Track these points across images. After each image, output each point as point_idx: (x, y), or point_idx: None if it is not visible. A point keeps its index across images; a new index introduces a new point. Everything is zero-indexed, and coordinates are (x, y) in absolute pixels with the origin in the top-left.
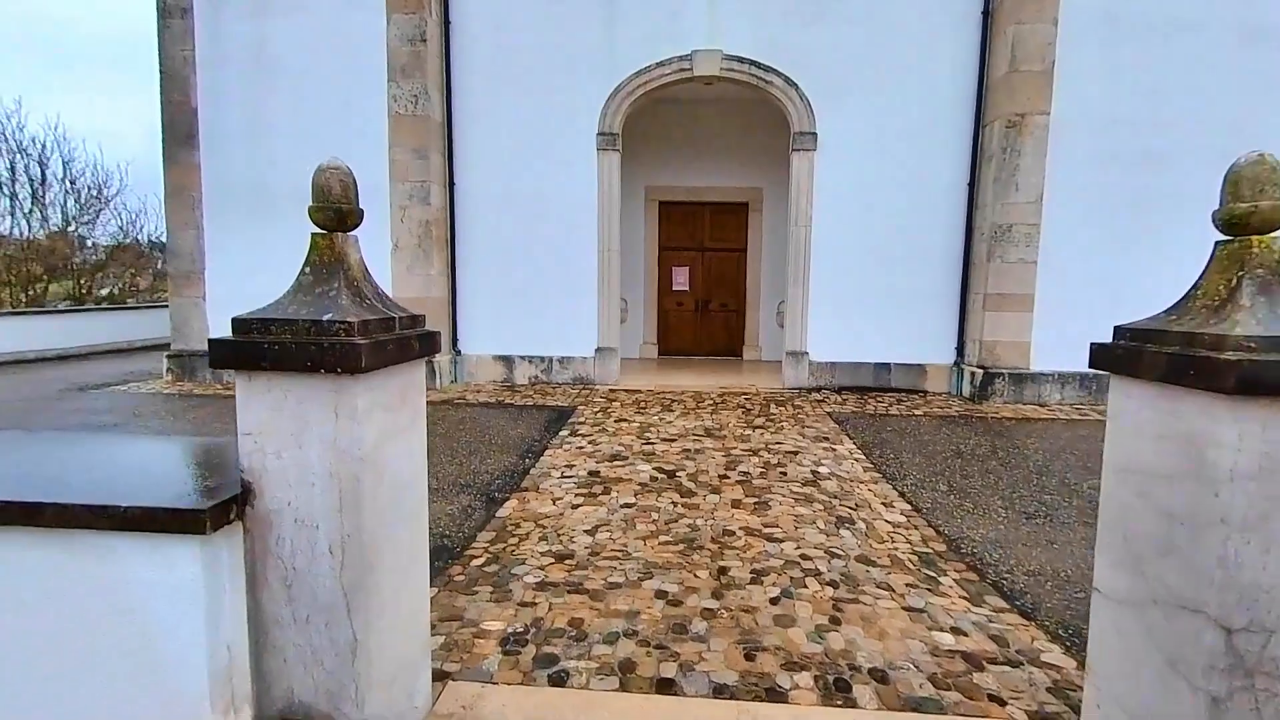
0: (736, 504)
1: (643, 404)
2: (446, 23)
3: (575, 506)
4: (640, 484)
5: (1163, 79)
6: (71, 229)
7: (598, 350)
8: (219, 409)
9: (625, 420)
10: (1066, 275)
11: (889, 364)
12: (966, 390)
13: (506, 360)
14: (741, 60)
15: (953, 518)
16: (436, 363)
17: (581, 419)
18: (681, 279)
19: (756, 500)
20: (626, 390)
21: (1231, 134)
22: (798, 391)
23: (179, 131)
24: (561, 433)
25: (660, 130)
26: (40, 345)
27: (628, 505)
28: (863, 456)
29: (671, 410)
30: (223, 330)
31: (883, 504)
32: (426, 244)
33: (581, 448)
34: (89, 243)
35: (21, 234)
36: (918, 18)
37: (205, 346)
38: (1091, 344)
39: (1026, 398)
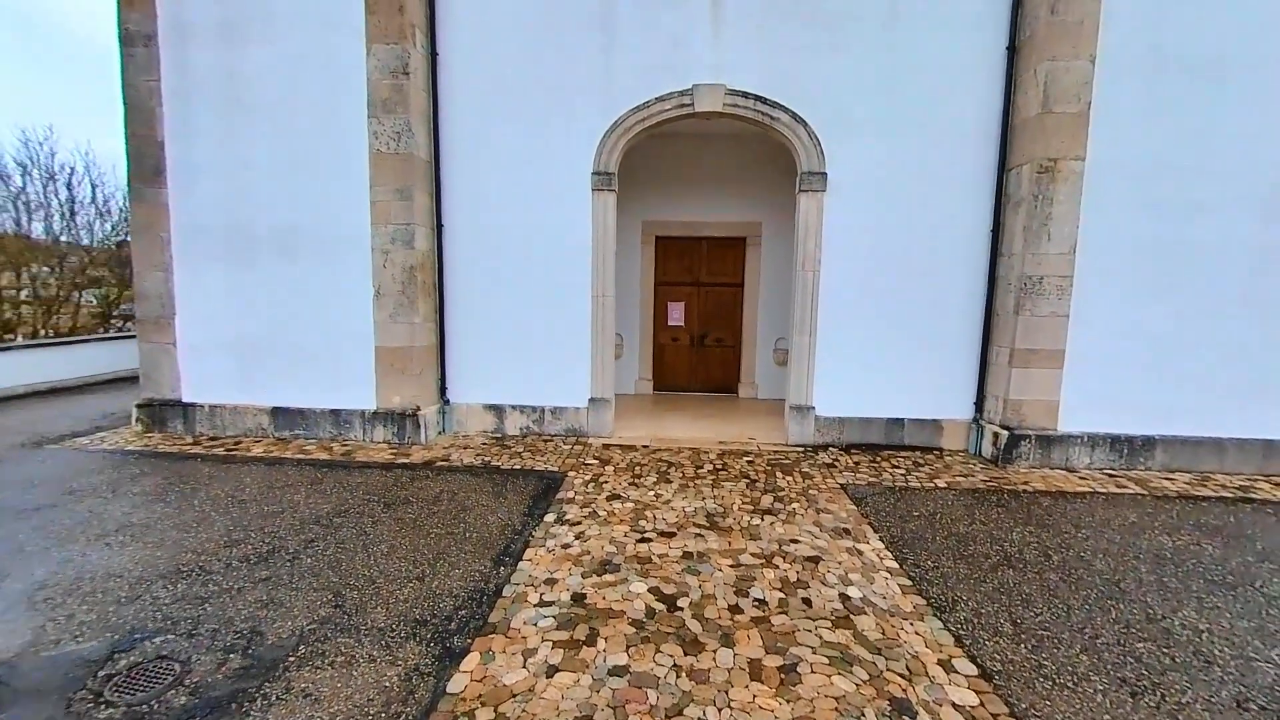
0: (756, 671)
1: (638, 470)
2: (433, 54)
3: (552, 672)
4: (634, 623)
5: (1209, 123)
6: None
7: (591, 401)
8: (170, 477)
9: (618, 497)
10: (1099, 330)
11: (902, 420)
12: (987, 450)
13: (497, 410)
14: (746, 95)
15: (1037, 694)
16: (421, 416)
17: (571, 494)
18: (677, 314)
19: (781, 662)
20: (621, 447)
21: None
22: (803, 451)
23: (145, 167)
24: (547, 517)
25: (658, 164)
26: (40, 378)
27: (618, 670)
28: (896, 565)
29: (669, 480)
30: (197, 379)
31: (941, 664)
32: (411, 290)
33: (568, 546)
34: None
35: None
36: (937, 53)
37: (177, 395)
38: None
39: (1054, 461)
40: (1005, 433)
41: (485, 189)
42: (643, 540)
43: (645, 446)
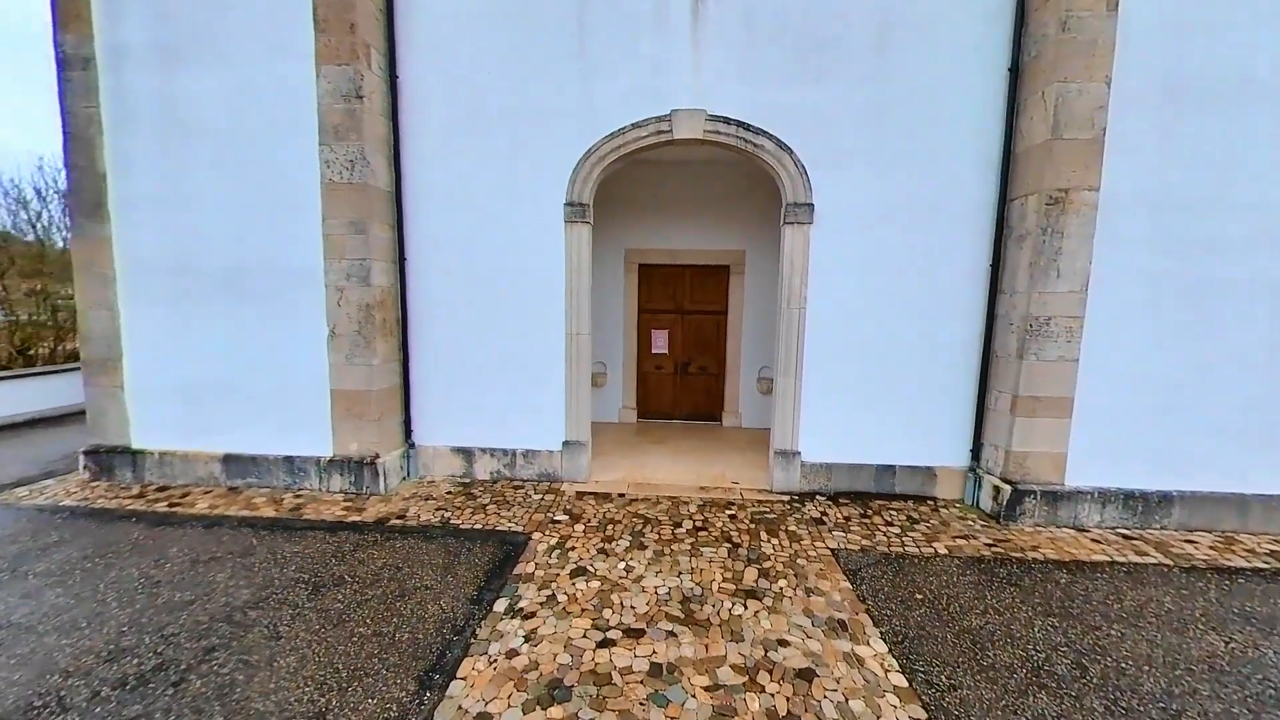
0: None
1: (610, 530)
2: (392, 78)
3: None
4: None
5: (1233, 153)
6: None
7: (565, 444)
8: (89, 547)
9: (584, 572)
10: (1111, 376)
11: (893, 467)
12: (987, 504)
13: (466, 454)
14: (728, 122)
15: None
16: (380, 464)
17: (531, 567)
18: (661, 342)
19: None
20: (596, 496)
21: None
22: (789, 501)
23: (86, 200)
24: (498, 605)
25: (641, 192)
26: (28, 407)
27: None
28: (904, 681)
29: (643, 545)
30: (146, 424)
31: None
32: (368, 329)
33: (514, 653)
34: None
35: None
36: (932, 77)
37: (125, 441)
38: None
39: (1061, 519)
40: (1008, 487)
41: (451, 221)
42: (604, 644)
43: (621, 496)
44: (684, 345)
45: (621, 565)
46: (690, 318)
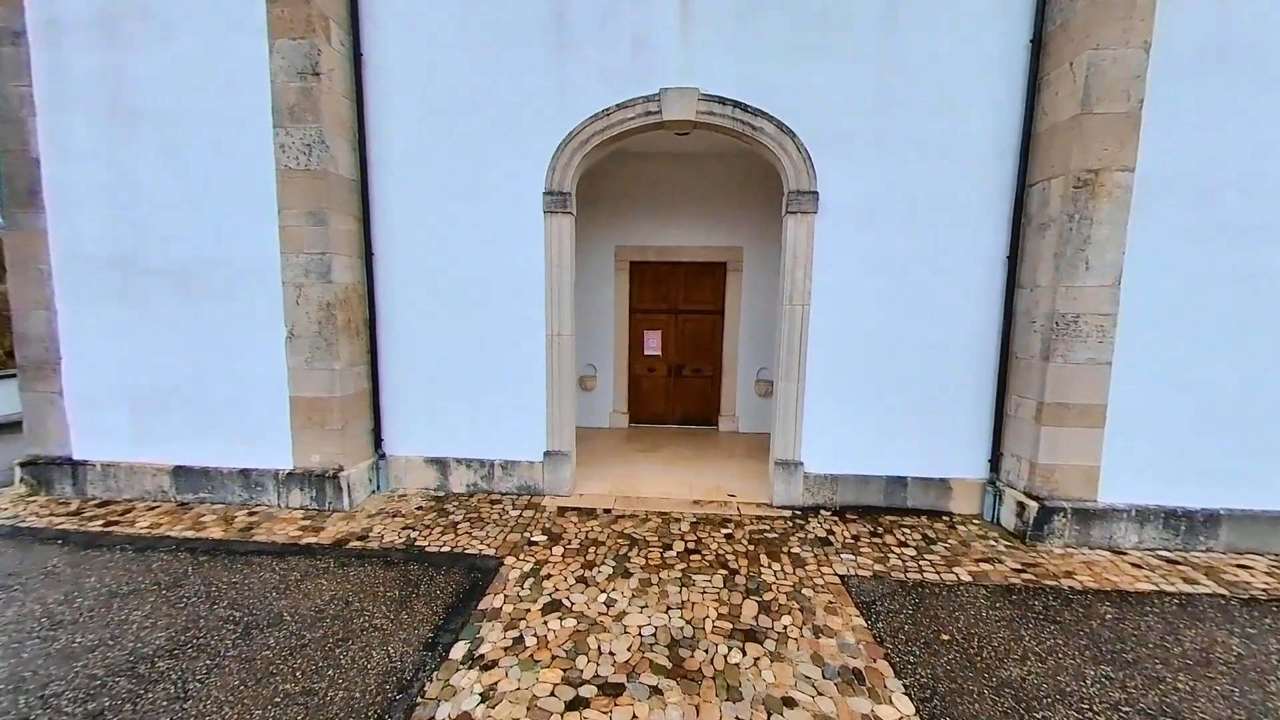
0: None
1: (592, 553)
2: (356, 55)
3: None
4: None
5: None
6: None
7: (547, 455)
8: (9, 570)
9: (558, 607)
10: (1149, 380)
11: (904, 478)
12: (1009, 520)
13: (440, 464)
14: (723, 101)
15: None
16: (344, 478)
17: (499, 601)
18: (654, 343)
19: None
20: (579, 511)
21: None
22: (791, 517)
23: (18, 188)
24: (455, 651)
25: (631, 186)
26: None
27: None
28: None
29: (628, 572)
30: (89, 433)
31: None
32: (329, 330)
33: (466, 717)
34: None
35: None
36: (945, 50)
37: (66, 452)
38: None
39: (1094, 539)
40: (1034, 504)
41: (421, 213)
42: (575, 705)
43: (607, 511)
44: (678, 347)
45: (602, 598)
46: (685, 318)
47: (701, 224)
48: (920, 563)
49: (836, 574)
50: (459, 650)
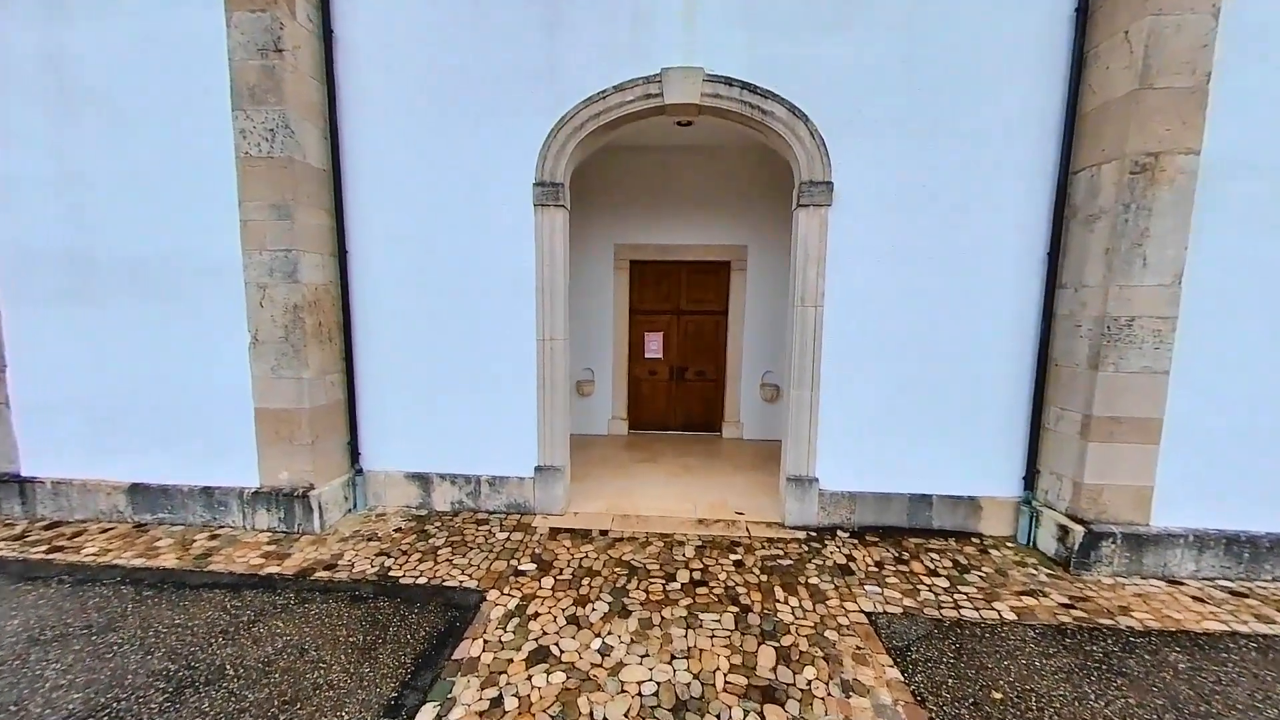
0: None
1: (586, 585)
2: (326, 32)
3: None
4: None
5: None
6: None
7: (538, 470)
8: None
9: (546, 658)
10: (1211, 392)
11: (929, 496)
12: (1048, 544)
13: (423, 480)
14: (730, 83)
15: None
16: (315, 497)
17: (477, 650)
18: (655, 345)
19: None
20: (573, 533)
21: None
22: (806, 540)
23: None
24: (419, 718)
25: (631, 181)
26: None
27: None
28: None
29: (626, 611)
30: (38, 448)
31: None
32: (297, 335)
33: None
34: None
35: None
36: (977, 23)
37: (14, 468)
38: None
39: (1147, 567)
40: (1079, 528)
41: (400, 207)
42: None
43: (604, 533)
44: (680, 349)
45: (596, 644)
46: (687, 319)
47: (704, 221)
48: (955, 596)
49: (862, 611)
50: (426, 716)
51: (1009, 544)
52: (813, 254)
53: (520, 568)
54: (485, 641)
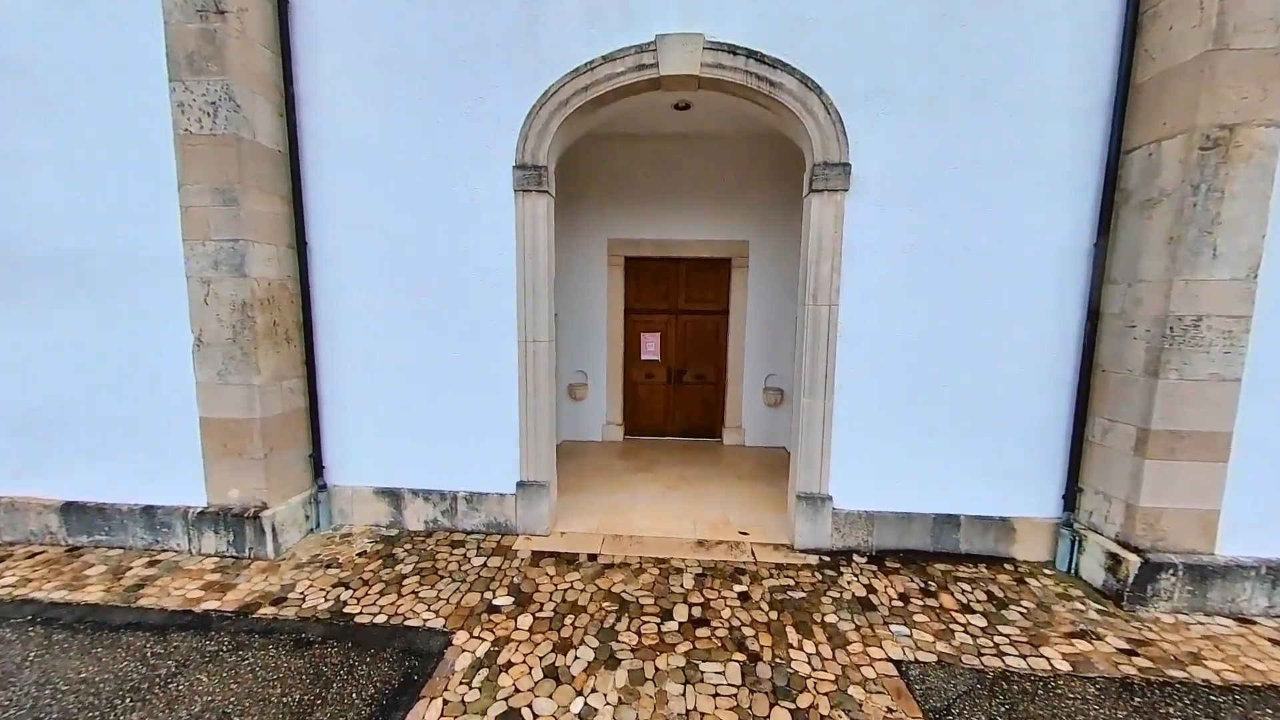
0: None
1: (568, 625)
2: None
3: None
4: None
5: None
6: None
7: (520, 486)
8: None
9: (516, 716)
10: None
11: (956, 516)
12: (1093, 573)
13: (393, 496)
14: (734, 50)
15: None
16: (268, 517)
17: (433, 714)
18: (652, 347)
19: None
20: (557, 558)
21: None
22: (820, 566)
23: None
24: None
25: (626, 172)
26: None
27: None
28: None
29: (616, 663)
30: None
31: None
32: (246, 337)
33: None
34: None
35: None
36: None
37: None
38: None
39: (1212, 603)
40: (1134, 558)
41: (365, 194)
42: None
43: (593, 558)
44: (678, 350)
45: (578, 705)
46: (685, 318)
47: (704, 214)
48: (996, 638)
49: (890, 659)
50: None
51: (1047, 571)
52: (826, 245)
53: (495, 601)
54: (445, 702)
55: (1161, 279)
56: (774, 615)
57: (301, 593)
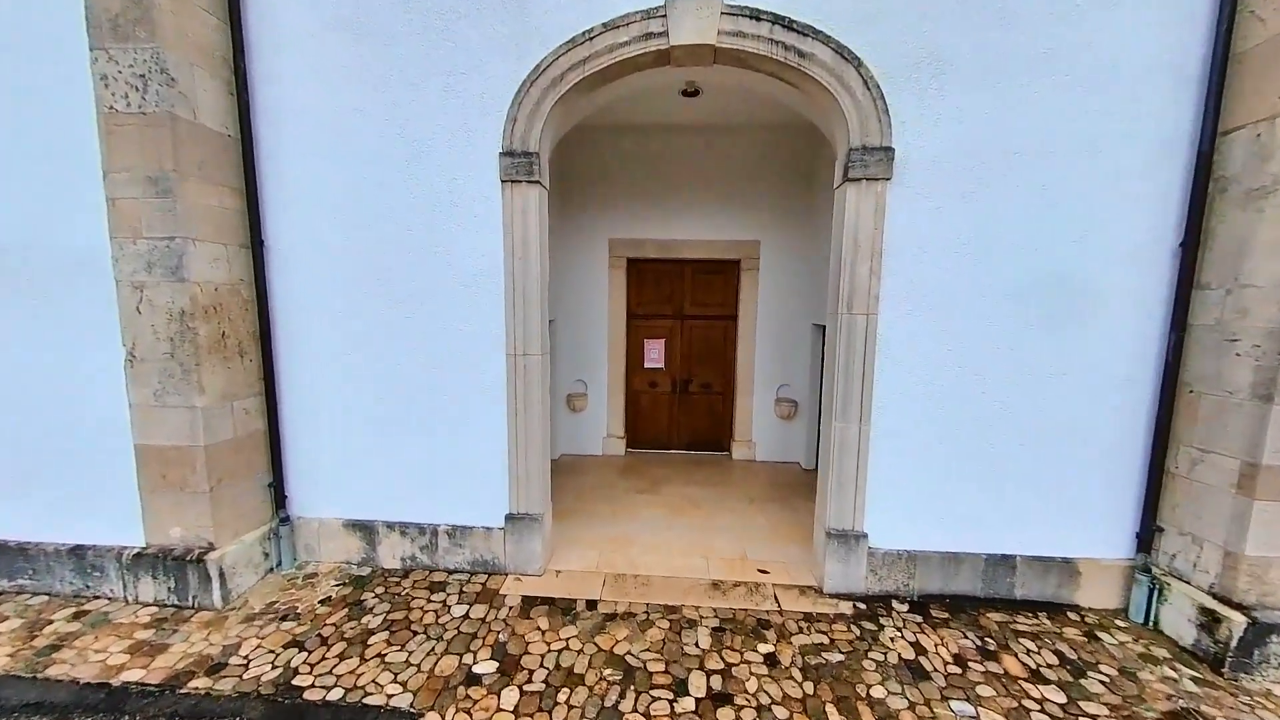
0: None
1: (564, 706)
2: None
3: None
4: None
5: None
6: None
7: (509, 519)
8: None
9: None
10: None
11: (1011, 557)
12: (1178, 628)
13: (366, 530)
14: (757, 16)
15: None
16: (215, 560)
17: None
18: (656, 354)
19: None
20: (550, 608)
21: None
22: (856, 620)
23: None
24: None
25: (628, 167)
26: None
27: None
28: None
29: None
30: None
31: None
32: (186, 351)
33: None
34: None
35: None
36: None
37: None
38: None
39: None
40: (1240, 617)
41: (336, 185)
42: None
43: (592, 607)
44: (684, 358)
45: None
46: (692, 324)
47: (712, 213)
48: (1080, 718)
49: None
50: None
51: (1120, 623)
52: (864, 244)
53: (475, 669)
54: None
55: (1275, 285)
56: (809, 688)
57: (246, 656)
